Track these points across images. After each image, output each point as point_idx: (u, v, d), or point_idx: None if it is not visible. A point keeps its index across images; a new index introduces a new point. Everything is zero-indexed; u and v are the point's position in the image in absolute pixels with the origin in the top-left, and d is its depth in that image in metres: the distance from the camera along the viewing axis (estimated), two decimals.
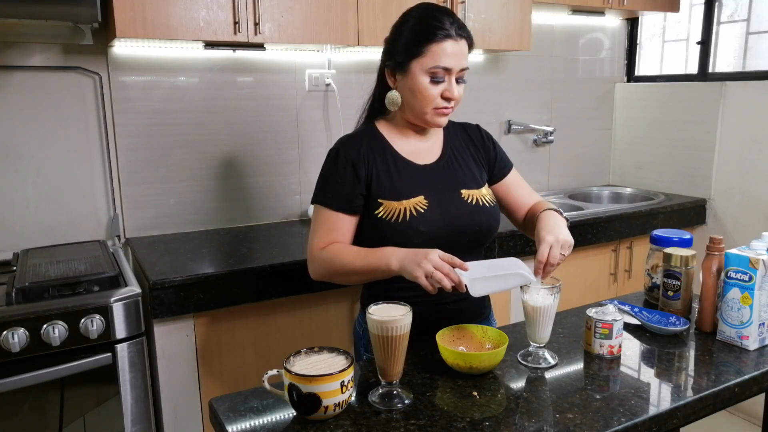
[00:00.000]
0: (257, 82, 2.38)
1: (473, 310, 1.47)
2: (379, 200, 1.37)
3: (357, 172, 1.38)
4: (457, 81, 1.36)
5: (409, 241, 1.33)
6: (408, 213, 1.35)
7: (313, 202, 1.45)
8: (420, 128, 1.46)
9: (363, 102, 1.53)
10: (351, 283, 1.43)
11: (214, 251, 2.05)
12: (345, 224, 1.39)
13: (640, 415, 1.06)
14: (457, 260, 1.21)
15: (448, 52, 1.31)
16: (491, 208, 1.45)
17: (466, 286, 1.20)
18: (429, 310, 1.37)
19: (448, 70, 1.33)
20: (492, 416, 1.05)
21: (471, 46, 1.37)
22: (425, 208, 1.36)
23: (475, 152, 1.52)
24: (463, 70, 1.36)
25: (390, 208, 1.36)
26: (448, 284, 1.18)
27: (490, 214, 1.44)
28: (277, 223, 2.48)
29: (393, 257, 1.26)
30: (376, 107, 1.48)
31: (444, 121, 1.40)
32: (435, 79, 1.33)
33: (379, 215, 1.36)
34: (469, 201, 1.42)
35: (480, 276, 1.22)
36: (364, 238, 1.41)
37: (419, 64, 1.32)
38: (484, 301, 1.52)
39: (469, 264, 1.22)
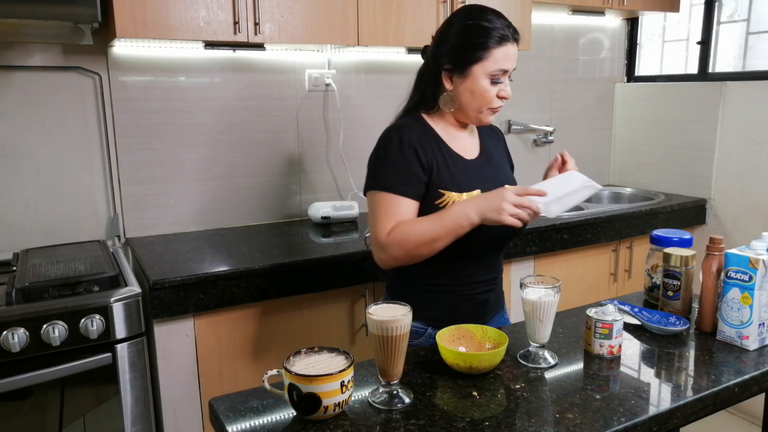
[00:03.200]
0: (257, 82, 2.38)
1: (497, 300, 1.54)
2: (440, 190, 1.38)
3: (420, 158, 1.38)
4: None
5: (461, 230, 1.34)
6: None
7: (372, 189, 1.40)
8: (462, 125, 1.49)
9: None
10: (429, 253, 1.35)
11: (214, 251, 2.05)
12: (409, 209, 1.38)
13: (640, 415, 1.06)
14: (531, 189, 1.27)
15: (508, 55, 1.38)
16: None
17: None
18: (459, 299, 1.43)
19: (506, 72, 1.39)
20: (492, 416, 1.05)
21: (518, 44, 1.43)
22: None
23: (502, 152, 1.60)
24: (514, 69, 1.42)
25: (451, 199, 1.38)
26: (528, 217, 1.25)
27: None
28: (277, 223, 2.48)
29: (471, 211, 1.29)
30: (418, 103, 1.49)
31: (492, 119, 1.46)
32: (494, 81, 1.38)
33: (441, 205, 1.38)
34: None
35: (552, 199, 1.28)
36: None
37: (481, 68, 1.37)
38: (502, 289, 1.59)
39: (540, 187, 1.30)
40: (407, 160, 1.37)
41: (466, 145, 1.49)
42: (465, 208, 1.30)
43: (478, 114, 1.42)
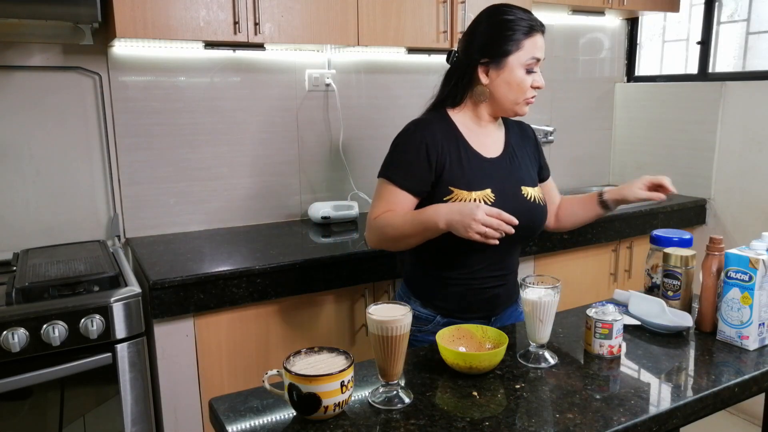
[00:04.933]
0: (257, 82, 2.38)
1: (509, 294, 1.56)
2: (451, 188, 1.41)
3: (429, 157, 1.42)
4: None
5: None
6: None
7: (380, 176, 1.47)
8: (488, 122, 1.52)
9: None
10: (405, 247, 1.46)
11: (214, 251, 2.05)
12: (406, 202, 1.43)
13: (640, 415, 1.06)
14: (504, 214, 1.26)
15: (539, 44, 1.43)
16: (544, 207, 1.54)
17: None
18: (469, 291, 1.48)
19: (538, 61, 1.44)
20: (492, 416, 1.05)
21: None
22: (492, 201, 1.41)
23: (530, 151, 1.60)
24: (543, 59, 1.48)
25: (460, 197, 1.40)
26: (496, 239, 1.26)
27: (543, 213, 1.53)
28: (277, 223, 2.48)
29: (440, 218, 1.32)
30: (444, 99, 1.52)
31: (527, 110, 1.49)
32: (528, 71, 1.43)
33: (449, 202, 1.40)
34: (528, 198, 1.48)
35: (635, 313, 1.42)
36: None
37: (516, 59, 1.41)
38: (516, 285, 1.58)
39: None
40: (416, 157, 1.42)
41: (488, 142, 1.51)
42: (437, 214, 1.33)
43: (514, 106, 1.46)
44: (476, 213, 1.24)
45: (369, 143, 2.63)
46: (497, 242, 1.26)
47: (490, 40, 1.43)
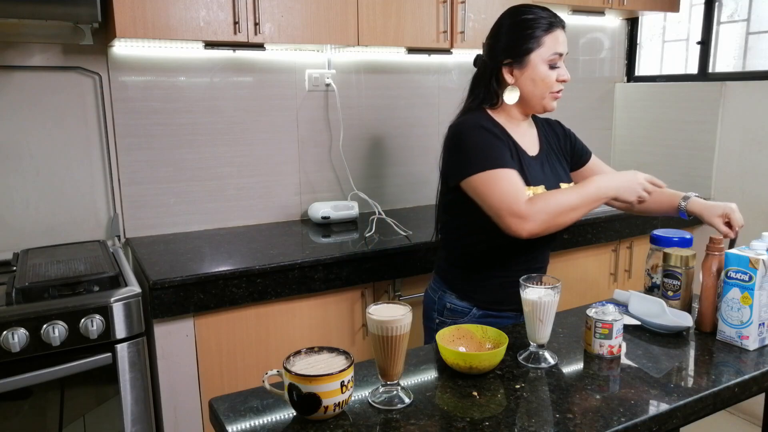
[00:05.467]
0: (257, 82, 2.38)
1: None
2: None
3: (505, 144, 1.46)
4: None
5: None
6: None
7: (479, 170, 1.40)
8: (521, 120, 1.55)
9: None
10: (570, 221, 1.40)
11: (213, 251, 2.05)
12: (521, 181, 1.41)
13: (640, 415, 1.06)
14: (655, 179, 1.43)
15: (560, 39, 1.47)
16: None
17: None
18: (505, 284, 1.50)
19: (561, 56, 1.48)
20: (492, 416, 1.05)
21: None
22: None
23: (560, 146, 1.64)
24: (567, 53, 1.51)
25: None
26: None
27: None
28: (277, 223, 2.48)
29: (610, 187, 1.39)
30: (481, 101, 1.53)
31: (556, 105, 1.54)
32: (552, 66, 1.47)
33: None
34: None
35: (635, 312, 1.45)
36: (475, 214, 1.43)
37: (538, 56, 1.46)
38: None
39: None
40: (501, 144, 1.44)
41: (526, 141, 1.54)
42: (605, 183, 1.39)
43: (542, 101, 1.50)
44: (639, 177, 1.40)
45: (369, 143, 2.63)
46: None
47: (511, 40, 1.47)
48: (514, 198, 1.35)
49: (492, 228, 1.39)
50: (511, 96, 1.50)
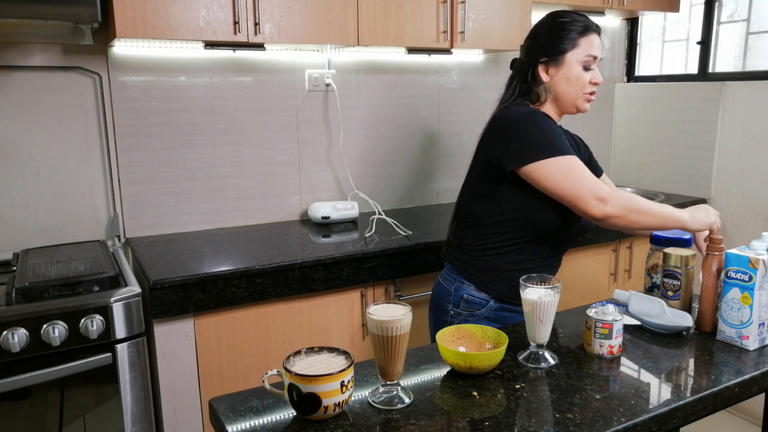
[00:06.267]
0: (257, 82, 2.38)
1: None
2: None
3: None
4: None
5: (548, 224, 1.50)
6: None
7: (554, 155, 1.44)
8: (557, 120, 1.62)
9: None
10: (643, 226, 1.48)
11: (213, 251, 2.05)
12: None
13: (640, 415, 1.06)
14: (719, 223, 1.51)
15: (595, 43, 1.56)
16: None
17: None
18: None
19: (595, 59, 1.56)
20: (492, 416, 1.05)
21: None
22: None
23: (579, 156, 1.65)
24: (601, 59, 1.59)
25: None
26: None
27: None
28: (277, 223, 2.48)
29: (685, 215, 1.46)
30: (525, 96, 1.59)
31: (589, 106, 1.61)
32: (586, 68, 1.55)
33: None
34: None
35: (635, 310, 1.47)
36: (506, 207, 1.50)
37: (573, 56, 1.54)
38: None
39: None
40: (562, 131, 1.52)
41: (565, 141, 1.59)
42: (686, 212, 1.47)
43: (575, 100, 1.58)
44: (711, 211, 1.49)
45: (369, 143, 2.63)
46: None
47: (548, 40, 1.55)
48: (596, 182, 1.43)
49: (533, 220, 1.48)
50: (544, 93, 1.56)
